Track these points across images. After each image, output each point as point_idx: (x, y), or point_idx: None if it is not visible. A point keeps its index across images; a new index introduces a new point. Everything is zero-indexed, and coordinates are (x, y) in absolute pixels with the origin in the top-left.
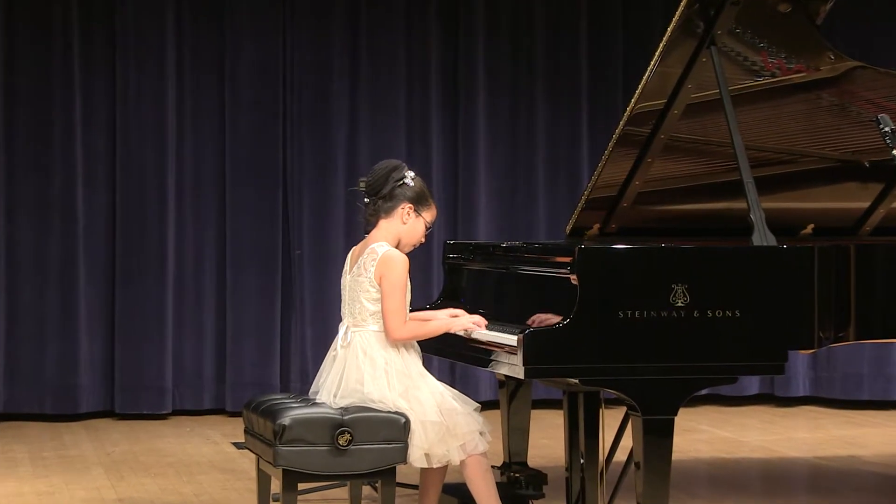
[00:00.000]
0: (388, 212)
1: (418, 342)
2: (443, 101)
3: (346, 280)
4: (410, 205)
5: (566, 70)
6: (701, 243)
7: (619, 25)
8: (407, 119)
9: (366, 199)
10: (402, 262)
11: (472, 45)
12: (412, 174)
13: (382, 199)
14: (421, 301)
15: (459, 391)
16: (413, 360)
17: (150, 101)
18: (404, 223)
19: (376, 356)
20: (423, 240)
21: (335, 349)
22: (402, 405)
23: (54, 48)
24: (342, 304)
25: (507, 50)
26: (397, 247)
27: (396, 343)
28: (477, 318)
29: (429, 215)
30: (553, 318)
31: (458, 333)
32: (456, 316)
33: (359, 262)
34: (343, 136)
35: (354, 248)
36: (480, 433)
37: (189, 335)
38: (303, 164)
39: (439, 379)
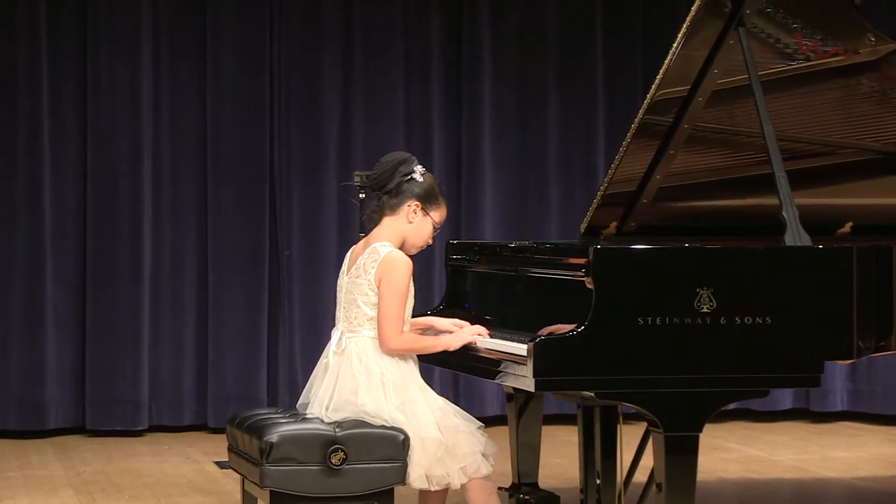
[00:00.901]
0: (394, 209)
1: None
2: (445, 89)
3: (344, 281)
4: (418, 202)
5: (580, 54)
6: (728, 243)
7: (638, 5)
8: (405, 109)
9: (361, 195)
10: (405, 266)
11: (476, 28)
12: (422, 169)
13: (388, 194)
14: (422, 306)
15: (463, 406)
16: (411, 371)
17: (125, 91)
18: (410, 222)
19: (371, 364)
20: (431, 242)
21: (327, 356)
22: (400, 419)
23: (19, 34)
24: (337, 307)
25: (515, 33)
26: (401, 248)
27: (390, 353)
28: (477, 328)
29: (437, 215)
30: (566, 325)
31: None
32: (460, 328)
33: (358, 262)
34: (335, 128)
35: (355, 246)
36: (483, 455)
37: (167, 343)
38: (291, 158)
39: (441, 393)
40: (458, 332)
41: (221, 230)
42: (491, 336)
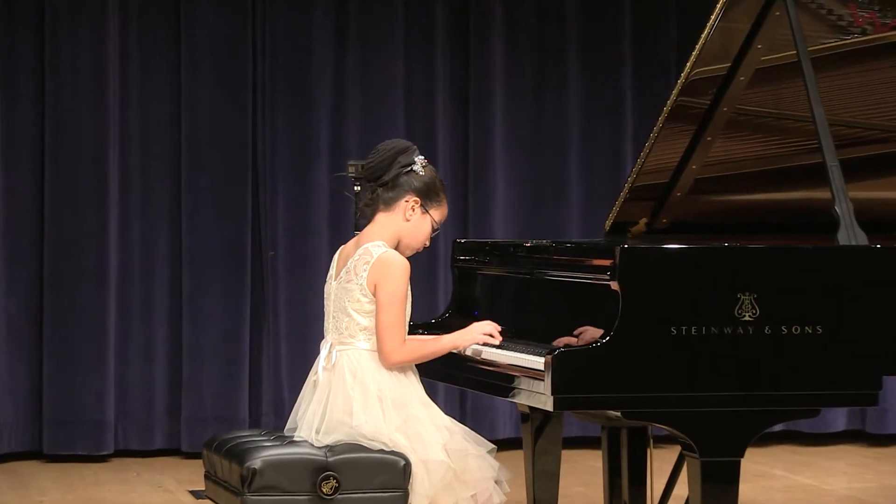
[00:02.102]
0: (389, 204)
1: (418, 365)
2: (450, 68)
3: (332, 287)
4: (417, 198)
5: (605, 26)
6: (773, 242)
7: None
8: (406, 92)
9: (357, 187)
10: (402, 267)
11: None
12: (423, 160)
13: (383, 187)
14: (423, 314)
15: (472, 427)
16: (413, 386)
17: (88, 70)
18: (407, 220)
19: (367, 380)
20: (428, 244)
21: (316, 373)
22: (400, 441)
23: None
24: (325, 317)
25: (531, 3)
26: (396, 248)
27: (392, 366)
28: (489, 325)
29: (438, 213)
30: (589, 335)
31: (468, 353)
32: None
33: (348, 264)
34: (326, 114)
35: (343, 247)
36: (496, 482)
37: (136, 356)
38: (277, 147)
39: (446, 413)
40: (468, 329)
41: (198, 227)
42: (503, 347)
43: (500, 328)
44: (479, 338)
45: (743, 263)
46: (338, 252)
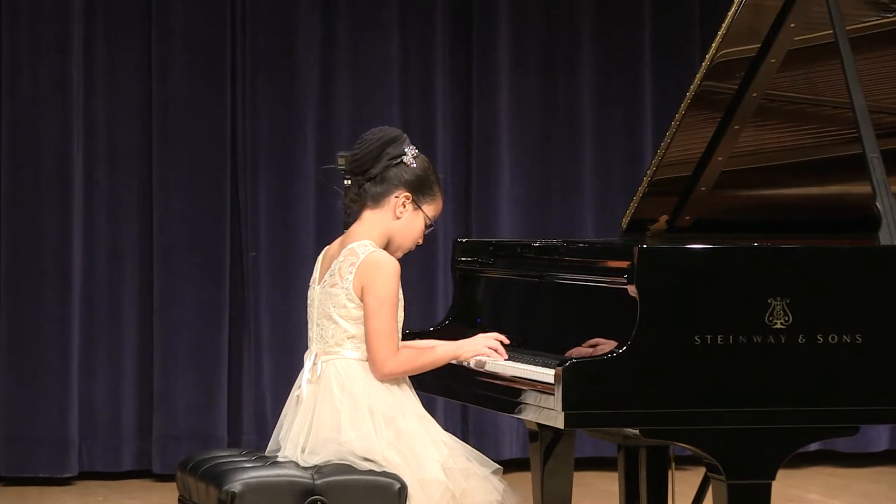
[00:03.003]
0: (377, 200)
1: (413, 378)
2: (451, 50)
3: (316, 292)
4: (408, 193)
5: (622, 4)
6: (808, 242)
7: None
8: (401, 75)
9: (346, 181)
10: (391, 268)
11: None
12: (414, 151)
13: (371, 181)
14: (420, 322)
15: (475, 446)
16: (407, 399)
17: (49, 51)
18: (398, 217)
19: (356, 391)
20: (421, 241)
21: (300, 387)
22: (394, 459)
23: None
24: (309, 325)
25: None
26: (386, 248)
27: (385, 377)
28: (495, 335)
29: (431, 209)
30: (604, 345)
31: (471, 364)
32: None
33: (332, 267)
34: (313, 100)
35: (328, 248)
36: None
37: (102, 368)
38: (258, 137)
39: (446, 430)
40: (472, 339)
41: (170, 225)
42: (509, 357)
43: (507, 341)
44: (482, 350)
45: (774, 265)
46: (322, 253)
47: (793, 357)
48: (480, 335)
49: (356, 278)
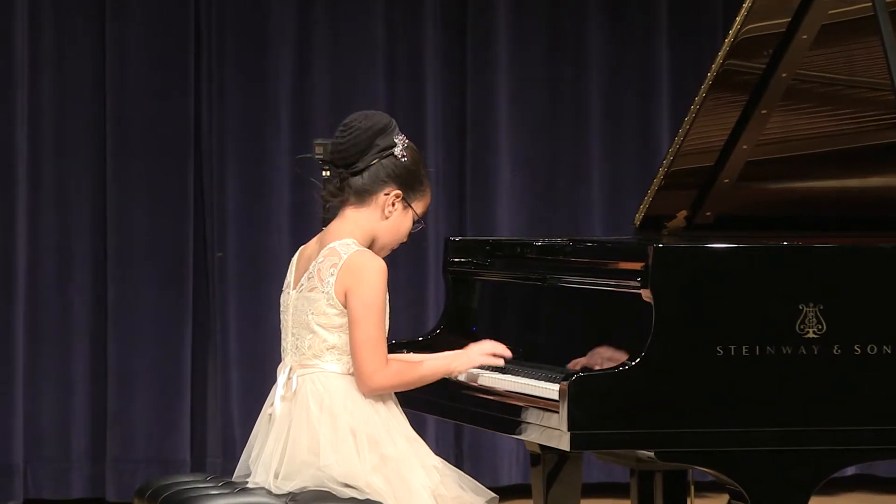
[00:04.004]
0: (362, 196)
1: (401, 395)
2: (443, 23)
3: (291, 297)
4: (399, 190)
5: None
6: (843, 240)
7: None
8: (386, 51)
9: (325, 172)
10: (378, 270)
11: None
12: (404, 140)
13: (356, 175)
14: (408, 331)
15: (470, 471)
16: (395, 418)
17: None
18: (386, 217)
19: (337, 409)
20: (406, 239)
21: (272, 404)
22: (379, 486)
23: None
24: (283, 335)
25: None
26: (369, 248)
27: (373, 392)
28: (494, 346)
29: (420, 205)
30: (615, 357)
31: (462, 378)
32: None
33: (310, 268)
34: (287, 79)
35: (303, 248)
36: None
37: (49, 384)
38: (225, 122)
39: (438, 453)
40: (466, 350)
41: (127, 223)
42: (508, 371)
43: (507, 353)
44: (479, 360)
45: (806, 267)
46: (296, 254)
47: (827, 370)
48: (474, 345)
49: (339, 281)
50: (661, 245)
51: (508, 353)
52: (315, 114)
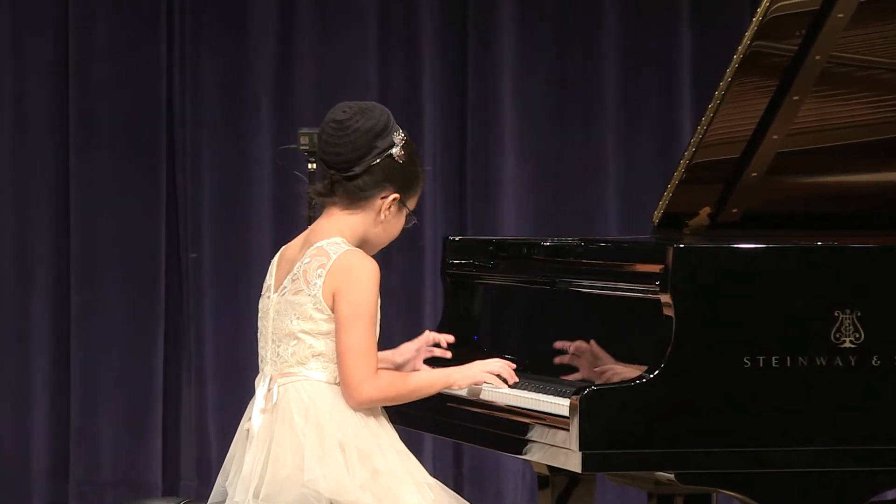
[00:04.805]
0: (355, 200)
1: (395, 412)
2: (440, 0)
3: (272, 301)
4: (397, 194)
5: None
6: (883, 241)
7: None
8: (380, 33)
9: (311, 165)
10: (370, 271)
11: None
12: (402, 136)
13: (352, 178)
14: (403, 339)
15: (470, 496)
16: (386, 432)
17: None
18: (381, 221)
19: (324, 421)
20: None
21: (249, 419)
22: (368, 503)
23: None
24: (261, 343)
25: None
26: (360, 247)
27: (361, 405)
28: (498, 362)
29: (414, 200)
30: (631, 369)
31: (463, 392)
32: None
33: (295, 270)
34: (269, 64)
35: (285, 248)
36: None
37: (6, 399)
38: (201, 110)
39: (435, 474)
40: (470, 365)
41: (91, 221)
42: (514, 384)
43: (515, 377)
44: (482, 378)
45: (843, 270)
46: (278, 255)
47: (865, 383)
48: (481, 361)
49: (327, 283)
50: (682, 245)
51: (515, 378)
52: (299, 102)
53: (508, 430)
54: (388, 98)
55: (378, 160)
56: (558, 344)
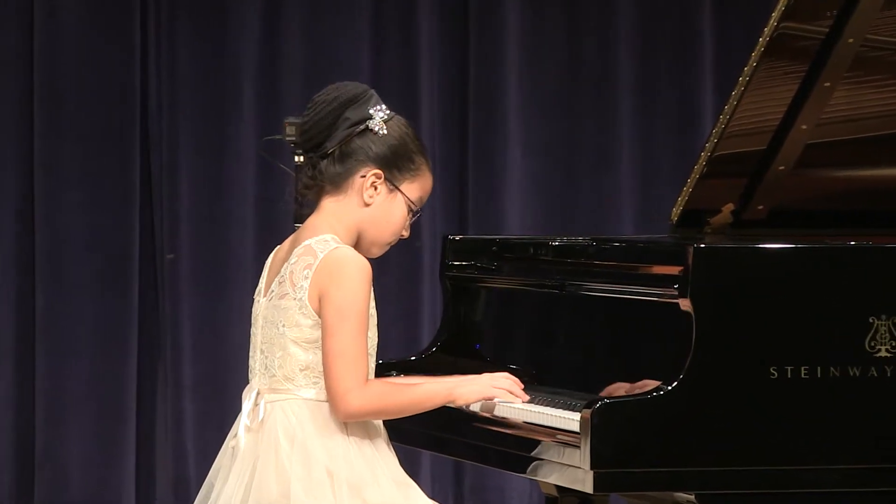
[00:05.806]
0: (337, 183)
1: (391, 426)
2: None
3: (260, 307)
4: (377, 170)
5: None
6: None
7: None
8: (372, 11)
9: (298, 158)
10: (358, 269)
11: None
12: (384, 112)
13: (328, 158)
14: (400, 348)
15: None
16: (385, 459)
17: None
18: (367, 204)
19: (312, 446)
20: (407, 234)
21: (235, 435)
22: None
23: None
24: (251, 351)
25: None
26: (356, 247)
27: (349, 417)
28: (505, 378)
29: (415, 188)
30: (646, 381)
31: (475, 407)
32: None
33: (282, 271)
34: (252, 47)
35: (278, 248)
36: None
37: None
38: (178, 98)
39: (435, 495)
40: (476, 377)
41: (58, 220)
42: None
43: (521, 386)
44: (489, 393)
45: (878, 272)
46: (270, 256)
47: None
48: (489, 374)
49: (313, 284)
50: (703, 245)
51: (526, 397)
52: (285, 88)
53: (513, 447)
54: (381, 83)
55: (352, 134)
56: (567, 352)
